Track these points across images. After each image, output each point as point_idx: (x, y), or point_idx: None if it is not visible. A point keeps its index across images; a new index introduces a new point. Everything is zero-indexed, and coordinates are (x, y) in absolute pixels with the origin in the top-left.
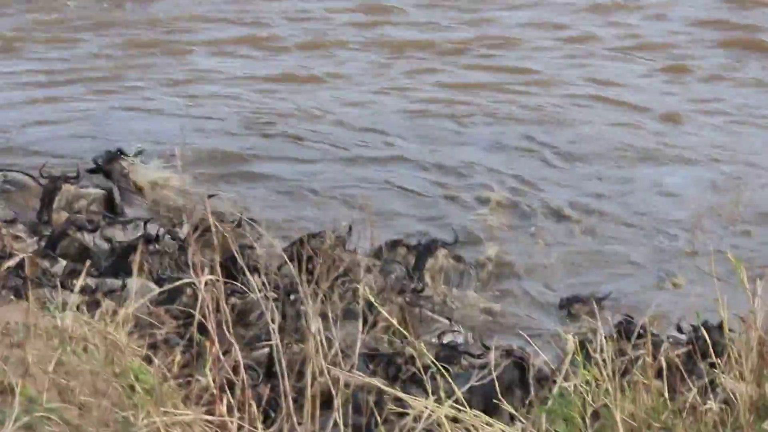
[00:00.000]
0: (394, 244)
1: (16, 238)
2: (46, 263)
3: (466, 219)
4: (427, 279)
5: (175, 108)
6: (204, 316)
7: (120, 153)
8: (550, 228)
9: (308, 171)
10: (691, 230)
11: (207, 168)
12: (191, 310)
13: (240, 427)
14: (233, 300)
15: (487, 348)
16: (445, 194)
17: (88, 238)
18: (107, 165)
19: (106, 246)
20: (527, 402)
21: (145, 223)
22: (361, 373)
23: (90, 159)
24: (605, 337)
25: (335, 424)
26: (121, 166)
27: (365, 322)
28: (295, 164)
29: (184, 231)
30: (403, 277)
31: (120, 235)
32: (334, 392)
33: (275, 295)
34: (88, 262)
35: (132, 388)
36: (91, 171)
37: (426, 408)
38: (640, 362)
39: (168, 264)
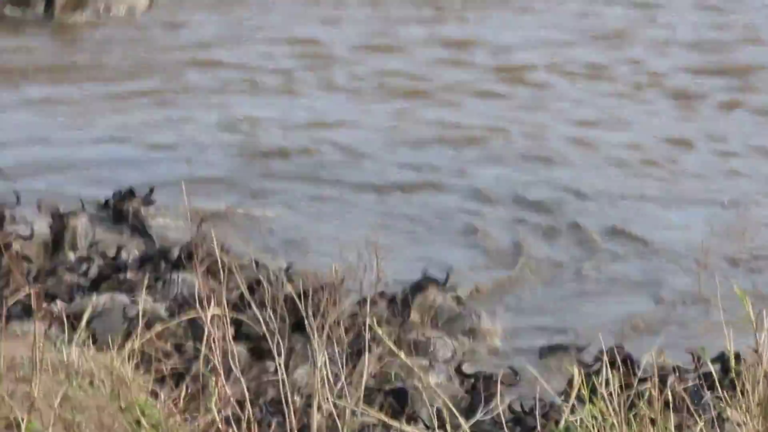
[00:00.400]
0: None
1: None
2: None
3: (464, 254)
4: (416, 317)
5: (175, 142)
6: (210, 350)
7: (131, 193)
8: (550, 266)
9: (315, 203)
10: (698, 264)
11: (212, 201)
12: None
13: None
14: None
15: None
16: (444, 228)
17: (74, 278)
18: (119, 204)
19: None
20: None
21: (119, 250)
22: (366, 407)
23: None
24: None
25: None
26: (133, 205)
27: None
28: (299, 196)
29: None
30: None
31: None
32: (339, 425)
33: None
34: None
35: (138, 423)
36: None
37: None
38: (646, 396)
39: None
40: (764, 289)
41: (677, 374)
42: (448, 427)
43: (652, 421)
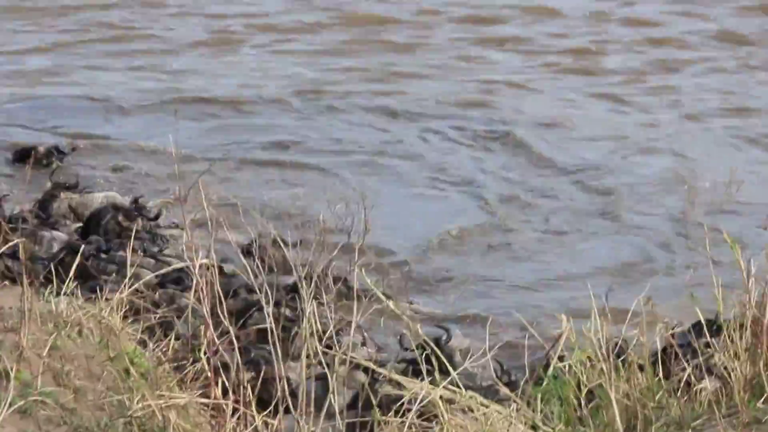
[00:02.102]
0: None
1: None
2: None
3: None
4: None
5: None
6: (198, 300)
7: (57, 149)
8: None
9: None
10: (683, 213)
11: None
12: (185, 295)
13: (235, 410)
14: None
15: None
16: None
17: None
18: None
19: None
20: (522, 382)
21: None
22: (355, 355)
23: None
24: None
25: (330, 406)
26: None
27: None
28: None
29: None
30: None
31: None
32: (329, 374)
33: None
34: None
35: (127, 371)
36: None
37: (421, 390)
38: (634, 342)
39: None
40: (750, 237)
41: (666, 320)
42: (437, 375)
43: (641, 368)
